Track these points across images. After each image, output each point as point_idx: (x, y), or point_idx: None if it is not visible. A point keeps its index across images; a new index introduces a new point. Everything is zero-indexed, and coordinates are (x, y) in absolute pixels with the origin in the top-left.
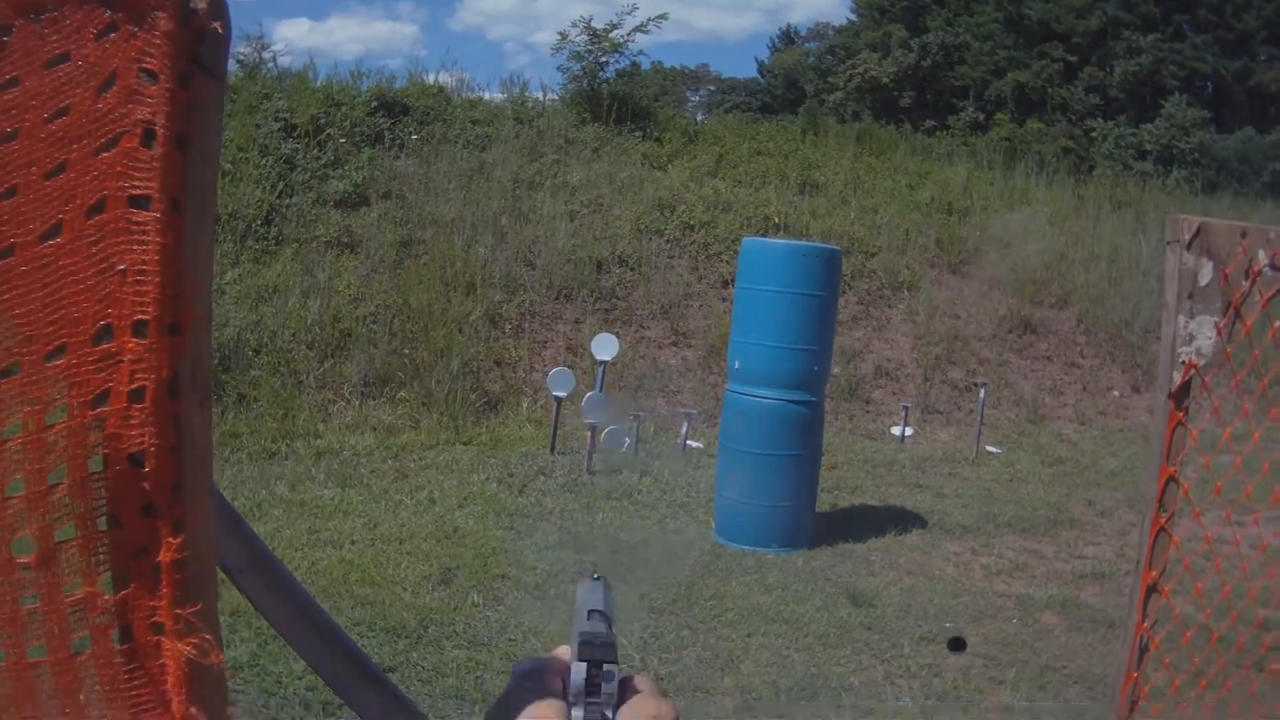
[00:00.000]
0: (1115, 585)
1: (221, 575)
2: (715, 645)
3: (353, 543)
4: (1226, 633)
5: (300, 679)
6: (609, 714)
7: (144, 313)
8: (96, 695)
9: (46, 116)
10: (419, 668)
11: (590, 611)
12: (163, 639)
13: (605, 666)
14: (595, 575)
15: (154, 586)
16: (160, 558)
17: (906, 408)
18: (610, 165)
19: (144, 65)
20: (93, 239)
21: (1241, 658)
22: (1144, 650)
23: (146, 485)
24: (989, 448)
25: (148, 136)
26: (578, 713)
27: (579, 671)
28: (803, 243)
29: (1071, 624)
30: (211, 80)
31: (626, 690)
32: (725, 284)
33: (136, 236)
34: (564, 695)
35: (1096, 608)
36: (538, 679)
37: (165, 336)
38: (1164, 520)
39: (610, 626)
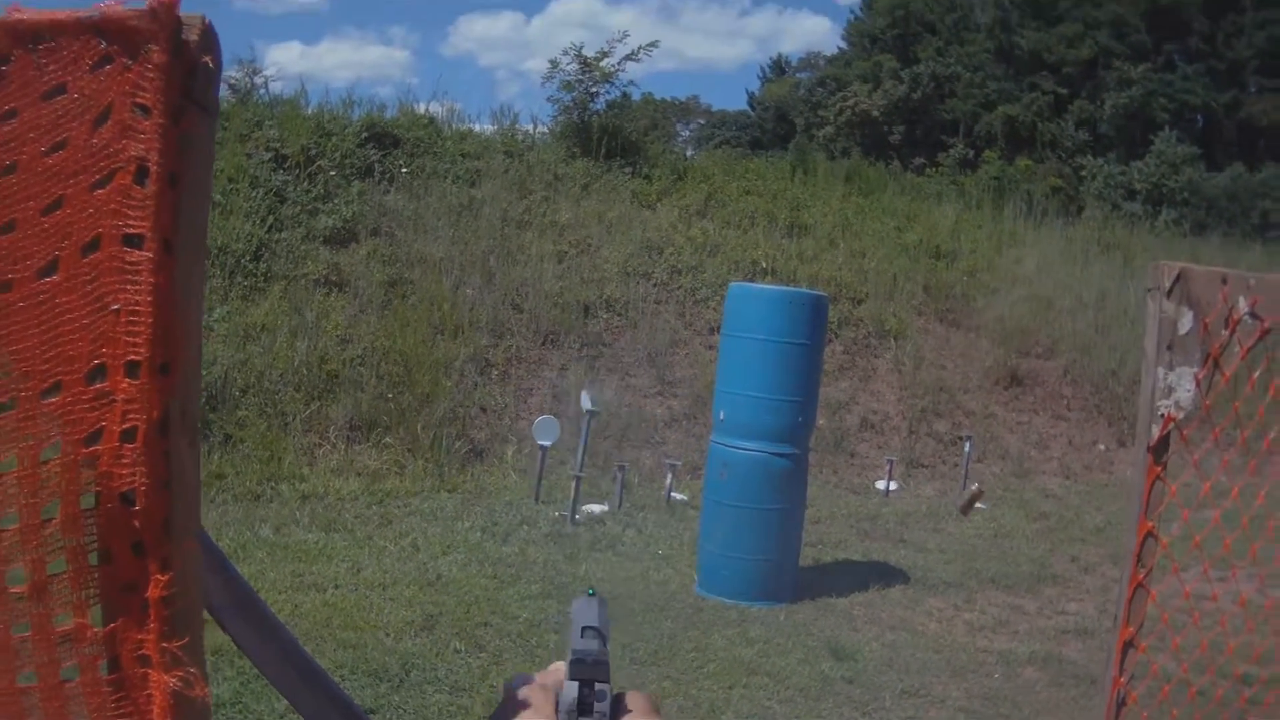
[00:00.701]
0: (1098, 641)
1: (206, 615)
2: (697, 696)
3: (336, 587)
4: (1205, 686)
5: (282, 718)
6: None
7: (136, 353)
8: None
9: (44, 150)
10: (400, 711)
11: (584, 628)
12: (149, 671)
13: (597, 685)
14: (591, 591)
15: (142, 621)
16: (149, 593)
17: (891, 461)
18: (599, 203)
19: (138, 99)
20: (88, 277)
21: (1219, 711)
22: (1121, 705)
23: (136, 523)
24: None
25: (141, 173)
26: None
27: (570, 690)
28: (789, 289)
29: (1053, 679)
30: (203, 115)
31: (620, 708)
32: (712, 330)
33: (130, 276)
34: (556, 714)
35: (1079, 663)
36: (531, 696)
37: (156, 377)
38: (1142, 576)
39: (604, 643)
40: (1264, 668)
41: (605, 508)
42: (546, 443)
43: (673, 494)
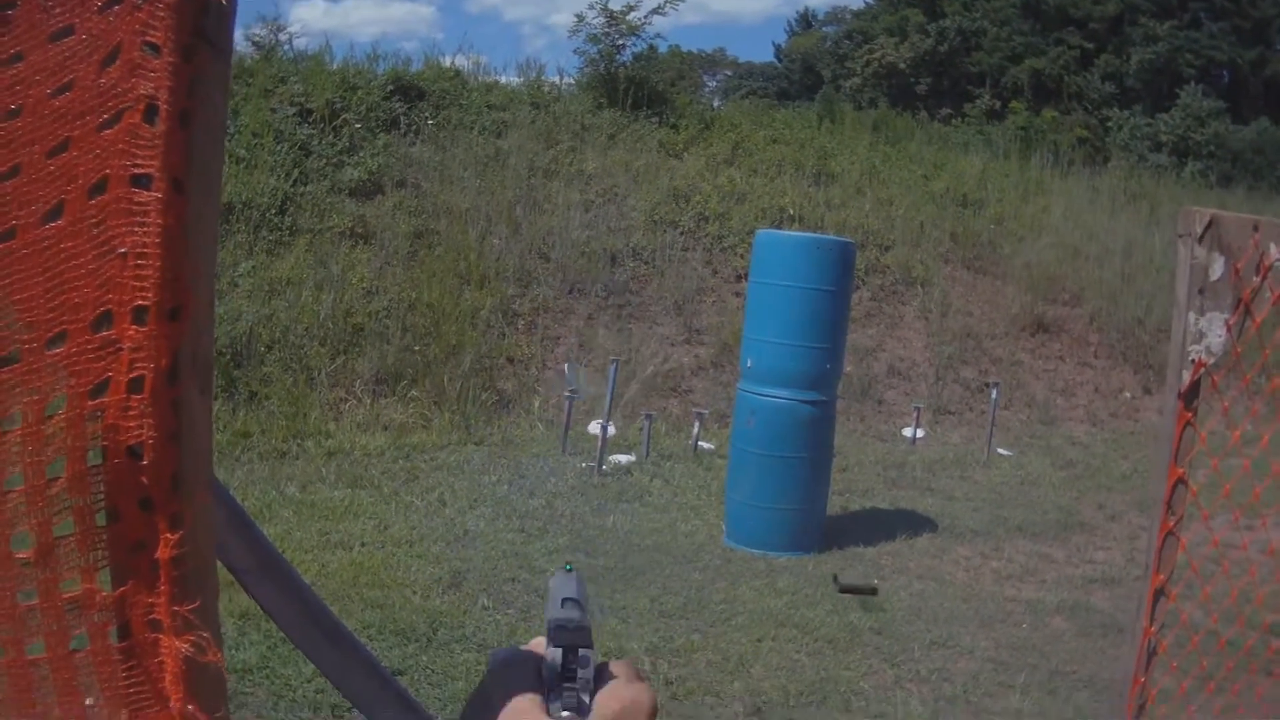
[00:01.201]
0: (1125, 590)
1: (230, 577)
2: (725, 649)
3: (363, 545)
4: (1234, 637)
5: (309, 682)
6: (586, 699)
7: (144, 298)
8: (94, 692)
9: (50, 92)
10: (428, 671)
11: (564, 600)
12: (160, 636)
13: (580, 651)
14: (568, 567)
15: (152, 583)
16: (158, 554)
17: (919, 408)
18: (626, 153)
19: (147, 38)
20: (94, 220)
21: (1248, 661)
22: (1151, 654)
23: (144, 479)
24: (1000, 450)
25: (150, 112)
26: (556, 702)
27: (554, 657)
28: (816, 235)
29: (1081, 629)
30: (216, 54)
31: (604, 676)
32: (739, 278)
33: (138, 218)
34: (542, 685)
35: (1106, 612)
36: (515, 668)
37: (165, 323)
38: (1172, 523)
39: (584, 613)
40: None
41: (632, 458)
42: (574, 393)
43: (700, 443)
